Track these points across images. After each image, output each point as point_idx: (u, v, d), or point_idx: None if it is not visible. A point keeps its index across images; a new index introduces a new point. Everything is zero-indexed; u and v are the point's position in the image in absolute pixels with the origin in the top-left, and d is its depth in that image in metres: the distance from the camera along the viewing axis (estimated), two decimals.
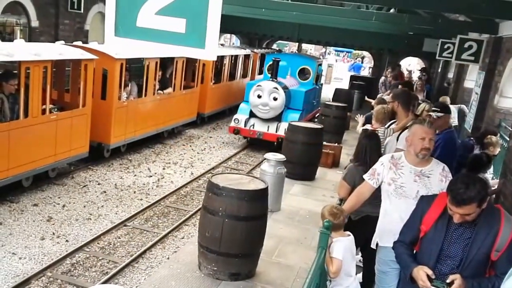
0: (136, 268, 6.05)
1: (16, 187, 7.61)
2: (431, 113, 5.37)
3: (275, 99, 11.30)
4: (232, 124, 11.88)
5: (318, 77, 14.20)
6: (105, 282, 5.47)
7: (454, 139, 5.29)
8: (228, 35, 29.75)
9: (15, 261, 5.83)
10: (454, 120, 8.23)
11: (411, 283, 2.99)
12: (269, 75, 12.16)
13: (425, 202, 3.14)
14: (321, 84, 15.85)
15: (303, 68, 13.47)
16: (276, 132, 11.48)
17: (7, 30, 12.28)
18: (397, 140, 5.32)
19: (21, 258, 5.91)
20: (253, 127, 11.65)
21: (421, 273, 2.86)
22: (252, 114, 11.69)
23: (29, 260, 5.91)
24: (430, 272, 2.85)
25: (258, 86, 11.45)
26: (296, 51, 26.43)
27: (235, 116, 11.91)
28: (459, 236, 2.87)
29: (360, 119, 6.58)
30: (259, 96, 11.36)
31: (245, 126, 11.71)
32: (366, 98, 12.64)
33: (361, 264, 4.95)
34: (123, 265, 5.98)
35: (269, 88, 11.30)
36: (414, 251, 3.13)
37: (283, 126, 11.19)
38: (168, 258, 6.15)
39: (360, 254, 5.05)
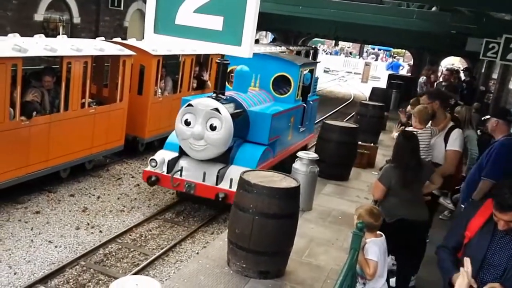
0: (166, 261, 6.13)
1: (54, 177, 7.86)
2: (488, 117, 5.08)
3: (214, 128, 6.82)
4: (148, 167, 7.33)
5: (306, 90, 9.39)
6: (135, 273, 5.56)
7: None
8: (264, 32, 29.75)
9: (51, 249, 6.02)
10: None
11: None
12: (230, 87, 8.04)
13: (471, 207, 3.05)
14: (316, 99, 10.29)
15: (280, 77, 8.64)
16: (217, 183, 6.92)
17: (50, 26, 12.68)
18: (445, 141, 5.15)
19: (57, 247, 6.10)
20: (180, 174, 7.16)
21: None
22: (183, 152, 7.30)
23: (64, 248, 6.09)
24: (472, 281, 2.75)
25: (187, 106, 6.97)
26: (335, 48, 26.03)
27: (154, 155, 7.44)
28: (504, 245, 2.77)
29: (402, 115, 6.37)
30: (187, 123, 6.97)
31: (168, 171, 7.18)
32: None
33: (394, 268, 4.83)
34: (153, 257, 6.07)
35: (205, 110, 6.80)
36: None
37: (231, 172, 6.88)
38: (197, 253, 6.20)
39: (391, 258, 4.94)
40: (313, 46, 25.53)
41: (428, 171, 4.59)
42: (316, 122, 15.59)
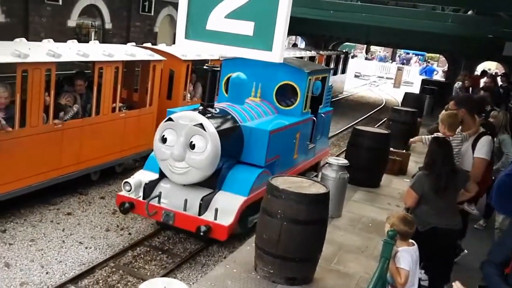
0: (193, 265, 6.14)
1: (85, 180, 8.01)
2: None
3: (197, 147, 5.77)
4: (123, 192, 6.29)
5: (317, 100, 8.24)
6: (163, 276, 5.59)
7: None
8: (293, 37, 29.72)
9: (82, 250, 6.14)
10: None
11: None
12: (226, 96, 7.21)
13: None
14: (328, 111, 8.92)
15: (285, 86, 7.54)
16: (200, 213, 5.79)
17: (83, 32, 13.03)
18: (473, 147, 5.06)
19: (87, 248, 6.21)
20: (158, 201, 6.02)
21: None
22: (164, 174, 6.21)
23: (94, 250, 6.19)
24: None
25: (167, 121, 5.98)
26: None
27: (130, 178, 6.41)
28: None
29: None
30: (165, 140, 5.92)
31: (145, 196, 6.13)
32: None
33: (424, 277, 4.68)
34: (181, 260, 6.10)
35: (188, 126, 5.78)
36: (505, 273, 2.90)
37: (217, 201, 5.93)
38: (225, 257, 6.18)
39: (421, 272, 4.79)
40: (344, 51, 25.20)
41: (463, 178, 4.45)
42: (345, 128, 15.38)
